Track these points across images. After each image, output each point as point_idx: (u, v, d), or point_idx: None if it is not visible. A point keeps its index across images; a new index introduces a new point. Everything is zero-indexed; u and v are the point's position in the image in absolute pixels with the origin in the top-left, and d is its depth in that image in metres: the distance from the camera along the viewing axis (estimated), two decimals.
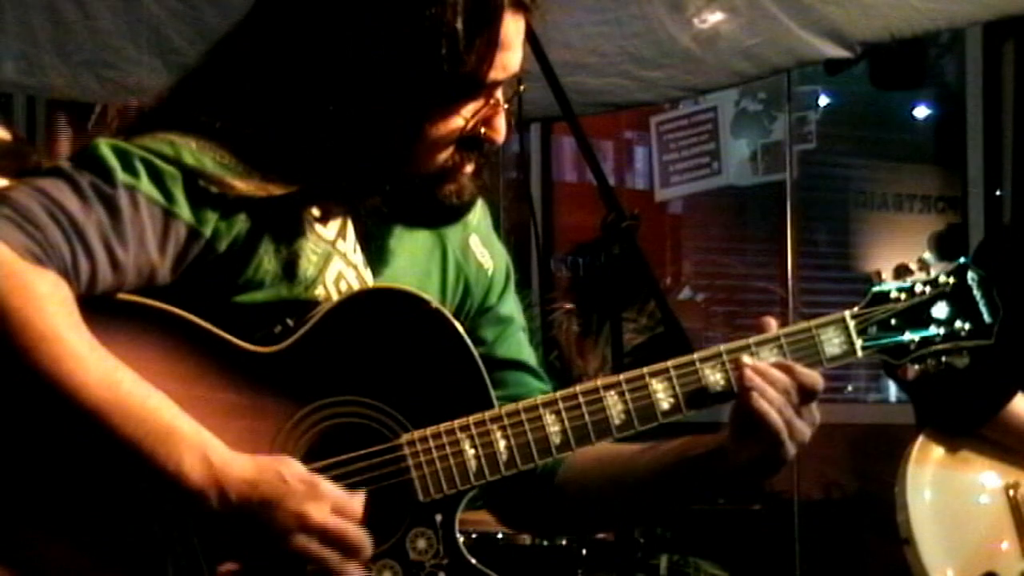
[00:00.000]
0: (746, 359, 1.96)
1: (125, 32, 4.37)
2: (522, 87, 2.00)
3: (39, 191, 1.79)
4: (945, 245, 6.58)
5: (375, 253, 2.01)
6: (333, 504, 1.78)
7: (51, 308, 1.73)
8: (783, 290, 6.02)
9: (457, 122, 1.93)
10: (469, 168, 1.98)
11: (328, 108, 1.88)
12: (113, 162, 1.82)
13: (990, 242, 4.17)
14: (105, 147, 1.84)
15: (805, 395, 1.96)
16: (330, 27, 1.89)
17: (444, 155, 1.95)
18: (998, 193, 6.08)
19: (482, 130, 1.95)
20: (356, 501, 1.81)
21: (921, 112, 7.04)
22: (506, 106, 1.97)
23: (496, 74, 1.91)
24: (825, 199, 7.15)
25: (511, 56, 1.93)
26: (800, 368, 1.97)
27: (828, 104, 6.80)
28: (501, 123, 1.97)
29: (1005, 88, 6.04)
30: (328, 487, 1.79)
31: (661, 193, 6.75)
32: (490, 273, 2.13)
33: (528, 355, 2.16)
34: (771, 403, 1.93)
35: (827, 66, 5.15)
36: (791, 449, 1.96)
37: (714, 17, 4.51)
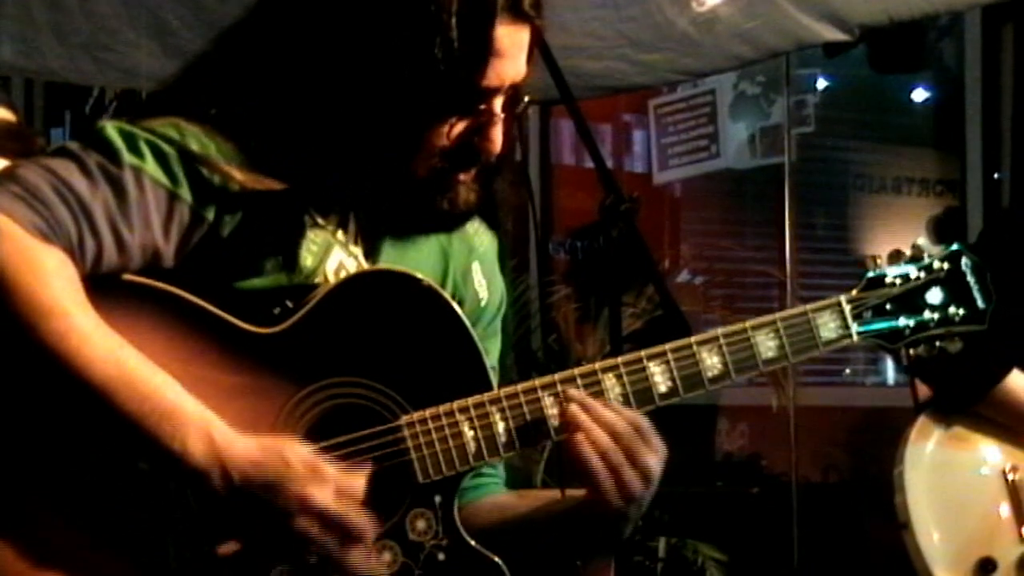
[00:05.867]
0: (574, 392, 1.90)
1: (123, 15, 4.35)
2: (527, 101, 1.97)
3: (47, 170, 1.81)
4: (943, 228, 6.58)
5: (376, 246, 2.02)
6: (336, 487, 1.79)
7: (57, 284, 1.75)
8: (781, 273, 6.01)
9: (452, 130, 1.91)
10: (465, 178, 1.96)
11: (329, 106, 1.89)
12: (120, 143, 1.84)
13: (991, 227, 4.18)
14: (112, 129, 1.85)
15: (639, 435, 1.89)
16: (331, 26, 1.89)
17: (438, 163, 1.93)
18: (996, 176, 6.08)
19: (477, 141, 1.93)
20: (358, 482, 1.81)
21: (920, 95, 7.03)
22: (503, 116, 1.94)
23: (490, 81, 1.89)
24: (824, 182, 7.15)
25: (507, 64, 1.91)
26: (625, 410, 1.91)
27: (827, 87, 6.79)
28: (497, 134, 1.94)
29: (1004, 71, 6.03)
30: (331, 470, 1.79)
31: (659, 176, 6.74)
32: (483, 305, 2.12)
33: None
34: (595, 446, 1.87)
35: (826, 49, 5.14)
36: (615, 501, 1.88)
37: (712, 0, 4.50)
